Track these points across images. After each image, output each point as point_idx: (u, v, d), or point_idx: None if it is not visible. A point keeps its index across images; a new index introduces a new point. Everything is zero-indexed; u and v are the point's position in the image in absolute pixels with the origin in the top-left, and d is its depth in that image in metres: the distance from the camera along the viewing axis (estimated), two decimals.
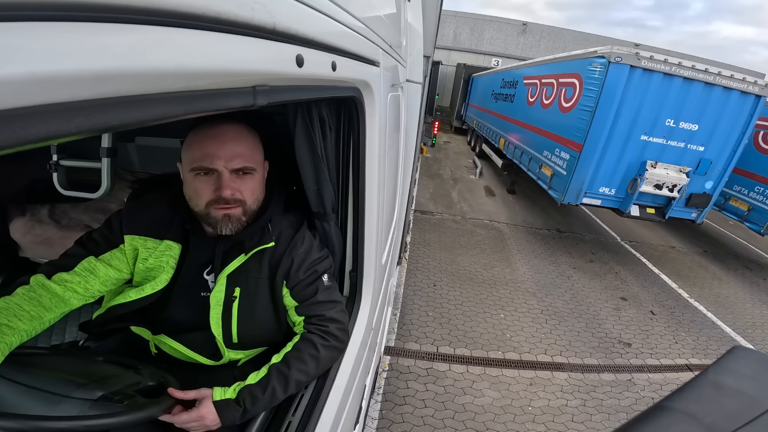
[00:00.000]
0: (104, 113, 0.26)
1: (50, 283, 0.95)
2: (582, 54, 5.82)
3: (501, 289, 4.68)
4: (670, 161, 5.48)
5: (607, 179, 5.69)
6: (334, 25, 0.64)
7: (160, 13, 0.28)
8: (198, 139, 0.94)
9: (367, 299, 1.31)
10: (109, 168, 1.68)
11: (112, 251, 1.04)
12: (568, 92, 6.06)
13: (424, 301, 4.20)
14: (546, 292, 4.78)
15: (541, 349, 3.71)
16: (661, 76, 5.08)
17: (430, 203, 7.73)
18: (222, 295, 1.03)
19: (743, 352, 0.60)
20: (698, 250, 7.27)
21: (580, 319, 4.30)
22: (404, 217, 3.20)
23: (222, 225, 0.96)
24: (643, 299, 4.99)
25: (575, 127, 5.65)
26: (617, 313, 4.56)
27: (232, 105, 0.41)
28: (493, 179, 10.38)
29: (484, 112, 12.29)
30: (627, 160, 5.53)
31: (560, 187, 6.00)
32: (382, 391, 2.88)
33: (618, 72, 5.00)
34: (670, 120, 5.32)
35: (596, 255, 6.23)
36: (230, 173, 0.94)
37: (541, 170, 6.83)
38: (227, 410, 0.89)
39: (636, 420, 0.48)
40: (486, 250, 5.81)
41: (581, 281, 5.23)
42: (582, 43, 6.97)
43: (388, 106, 1.26)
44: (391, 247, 2.03)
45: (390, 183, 1.57)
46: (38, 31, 0.21)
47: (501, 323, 4.02)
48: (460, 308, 4.17)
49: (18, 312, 0.88)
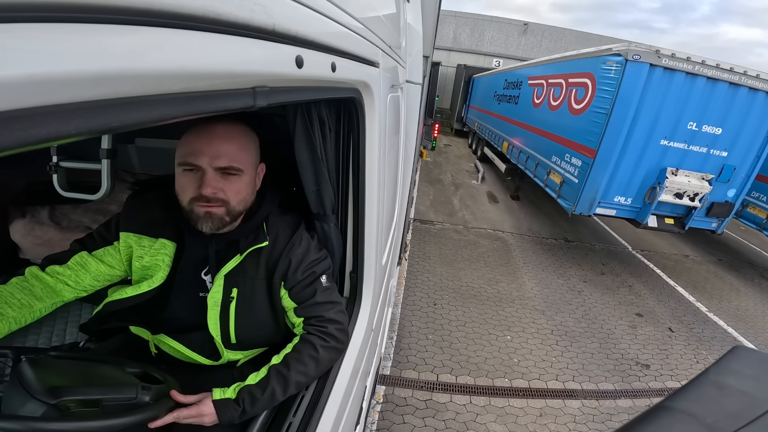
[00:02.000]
0: (104, 115, 0.26)
1: (43, 274, 1.00)
2: (595, 52, 5.40)
3: (507, 308, 4.36)
4: (691, 168, 5.09)
5: (623, 188, 5.26)
6: (334, 26, 0.64)
7: (160, 14, 0.28)
8: (189, 136, 0.94)
9: (368, 300, 1.31)
10: (109, 169, 1.68)
11: (106, 248, 1.06)
12: (578, 93, 5.65)
13: (423, 322, 3.89)
14: (556, 310, 4.46)
15: (551, 374, 3.41)
16: (683, 75, 4.69)
17: (431, 211, 7.36)
18: (219, 296, 1.03)
19: (744, 351, 0.60)
20: (713, 258, 6.96)
21: (594, 338, 4.01)
22: (404, 217, 3.20)
23: (202, 222, 0.95)
24: (659, 315, 4.69)
25: (588, 130, 5.23)
26: (633, 331, 4.27)
27: (232, 106, 0.41)
28: (495, 184, 10.06)
29: (486, 114, 11.99)
30: (645, 166, 5.12)
31: (571, 196, 5.55)
32: (375, 427, 2.65)
33: (636, 71, 4.60)
34: (693, 123, 4.93)
35: (607, 266, 5.91)
36: (214, 171, 0.93)
37: (549, 177, 6.39)
38: (226, 409, 0.89)
39: (638, 420, 0.48)
40: (490, 263, 5.47)
41: (593, 296, 4.89)
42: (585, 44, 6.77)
43: (388, 106, 1.26)
44: (391, 248, 2.03)
45: (390, 183, 1.57)
46: (38, 32, 0.21)
47: (507, 346, 3.71)
48: (462, 330, 3.86)
49: (9, 299, 0.93)
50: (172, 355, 1.10)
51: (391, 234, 1.91)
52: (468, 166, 12.04)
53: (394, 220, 2.01)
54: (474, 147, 13.95)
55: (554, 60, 7.02)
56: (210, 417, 0.89)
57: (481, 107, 12.92)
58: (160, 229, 1.06)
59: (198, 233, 1.03)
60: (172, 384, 0.92)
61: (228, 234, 1.03)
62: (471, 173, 11.15)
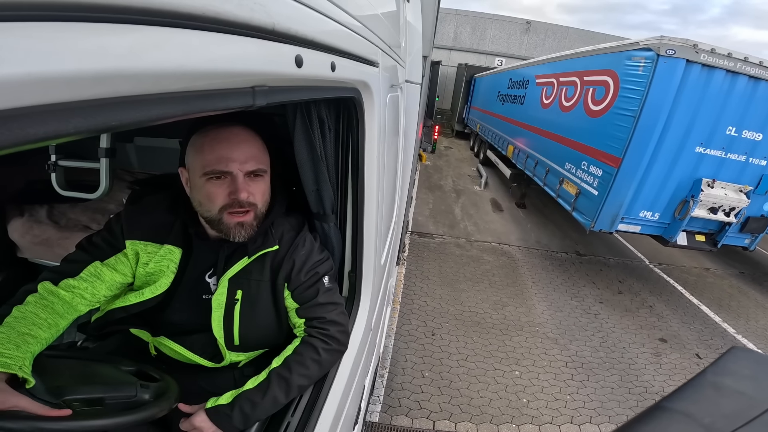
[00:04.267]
0: (103, 114, 0.26)
1: (58, 289, 0.95)
2: (617, 46, 4.78)
3: (515, 336, 3.90)
4: (728, 179, 4.52)
5: (650, 201, 4.66)
6: (333, 26, 0.64)
7: (159, 13, 0.28)
8: (209, 142, 0.93)
9: (366, 299, 1.31)
10: (107, 168, 1.68)
11: (117, 256, 1.03)
12: (597, 93, 5.04)
13: (419, 356, 3.43)
14: (570, 337, 4.01)
15: (566, 416, 2.99)
16: (723, 73, 4.14)
17: (430, 222, 6.79)
18: (224, 298, 1.02)
19: (742, 352, 0.60)
20: (734, 271, 6.48)
21: (613, 370, 3.61)
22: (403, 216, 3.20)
23: (235, 233, 0.95)
24: (685, 339, 4.27)
25: (610, 135, 4.63)
26: (657, 359, 3.85)
27: (231, 105, 0.41)
28: (499, 190, 9.50)
29: (489, 116, 11.54)
30: (677, 177, 4.52)
31: (589, 211, 4.91)
32: None
33: (670, 68, 4.01)
34: (732, 128, 4.37)
35: (625, 284, 5.43)
36: (244, 176, 0.94)
37: (563, 186, 5.73)
38: (221, 416, 0.88)
39: (635, 420, 0.48)
40: (495, 282, 4.96)
41: (611, 319, 4.44)
42: (590, 43, 6.45)
43: (387, 106, 1.26)
44: (391, 247, 2.03)
45: (389, 183, 1.57)
46: (37, 31, 0.21)
47: (516, 384, 3.26)
48: (464, 365, 3.40)
49: (36, 320, 0.88)
50: (172, 357, 1.09)
51: (390, 233, 1.91)
52: (470, 171, 11.56)
53: (393, 220, 2.01)
54: (476, 150, 13.51)
55: (566, 56, 6.39)
56: (207, 428, 0.88)
57: (484, 108, 12.53)
58: (165, 235, 1.04)
59: (207, 238, 1.03)
60: (170, 383, 0.92)
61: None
62: (473, 178, 10.63)
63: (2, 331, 0.82)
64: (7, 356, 0.76)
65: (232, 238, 0.96)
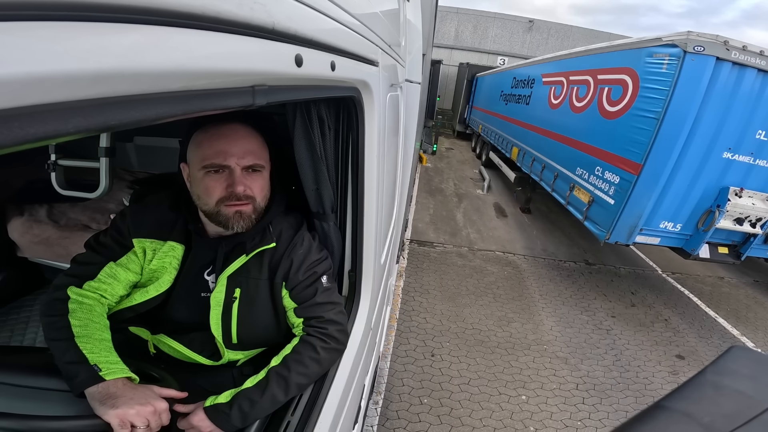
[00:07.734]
0: (103, 113, 0.26)
1: (86, 292, 0.97)
2: (635, 42, 4.39)
3: (522, 357, 3.64)
4: (755, 187, 4.18)
5: (672, 211, 4.29)
6: (333, 25, 0.64)
7: (159, 12, 0.28)
8: (208, 137, 0.94)
9: (366, 299, 1.31)
10: (107, 168, 1.68)
11: (128, 255, 1.04)
12: (613, 92, 4.66)
13: (417, 380, 3.15)
14: (581, 356, 3.75)
15: None
16: (754, 72, 3.81)
17: (430, 229, 6.42)
18: (222, 296, 1.03)
19: (741, 351, 0.60)
20: (749, 280, 6.17)
21: (628, 391, 3.36)
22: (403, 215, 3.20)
23: (233, 222, 0.96)
24: (703, 356, 4.00)
25: (628, 138, 4.24)
26: (675, 378, 3.59)
27: (231, 105, 0.41)
28: (503, 194, 9.12)
29: (492, 116, 11.07)
30: (702, 185, 4.16)
31: (604, 221, 4.52)
32: None
33: (698, 66, 3.68)
34: (762, 131, 4.02)
35: (637, 296, 5.12)
36: (242, 170, 0.95)
37: (573, 193, 5.29)
38: (220, 415, 0.88)
39: (634, 419, 0.48)
40: (500, 296, 4.65)
41: (624, 335, 4.17)
42: (594, 42, 6.27)
43: (387, 105, 1.26)
44: (390, 246, 2.03)
45: (389, 182, 1.57)
46: (37, 31, 0.21)
47: (522, 410, 3.01)
48: (466, 390, 3.13)
49: (97, 326, 0.93)
50: (171, 355, 1.10)
51: (390, 232, 1.91)
52: (472, 173, 11.14)
53: (393, 219, 2.01)
54: (478, 151, 13.08)
55: (577, 54, 5.95)
56: (206, 426, 0.88)
57: (486, 108, 12.07)
58: (168, 232, 1.05)
59: (206, 235, 1.04)
60: (169, 381, 0.92)
61: (237, 235, 1.03)
62: (476, 181, 10.17)
63: (90, 342, 0.87)
64: (116, 362, 0.85)
65: (231, 228, 0.97)
